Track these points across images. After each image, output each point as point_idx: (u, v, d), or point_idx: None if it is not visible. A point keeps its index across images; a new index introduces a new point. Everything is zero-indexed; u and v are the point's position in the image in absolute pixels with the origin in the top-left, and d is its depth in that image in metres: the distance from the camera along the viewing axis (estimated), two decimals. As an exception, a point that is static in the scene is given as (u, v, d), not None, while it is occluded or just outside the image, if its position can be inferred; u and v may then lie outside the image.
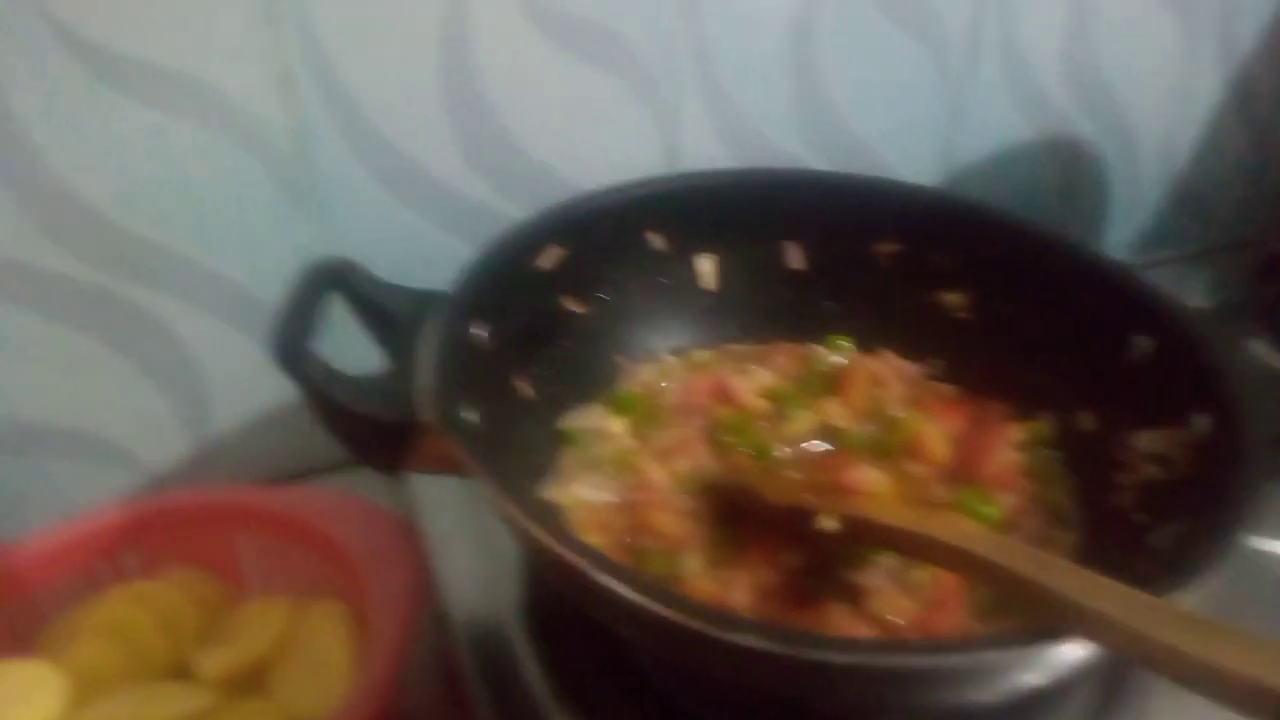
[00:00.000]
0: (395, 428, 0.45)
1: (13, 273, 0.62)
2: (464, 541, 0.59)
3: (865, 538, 0.48)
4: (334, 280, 0.49)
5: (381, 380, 0.47)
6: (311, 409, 0.45)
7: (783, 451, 0.58)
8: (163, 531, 0.62)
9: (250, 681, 0.58)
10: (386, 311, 0.50)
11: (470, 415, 0.48)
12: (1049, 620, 0.37)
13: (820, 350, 0.66)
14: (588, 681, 0.50)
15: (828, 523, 0.48)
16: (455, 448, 0.43)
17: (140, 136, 0.62)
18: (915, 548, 0.45)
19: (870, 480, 0.51)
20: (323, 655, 0.58)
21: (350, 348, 0.53)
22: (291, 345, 0.44)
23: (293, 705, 0.56)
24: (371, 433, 0.45)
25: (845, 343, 0.66)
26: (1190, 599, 0.39)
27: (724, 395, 0.60)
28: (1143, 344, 0.55)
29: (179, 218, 0.65)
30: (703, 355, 0.66)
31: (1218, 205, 1.04)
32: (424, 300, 0.52)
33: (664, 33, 0.72)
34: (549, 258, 0.59)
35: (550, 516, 0.52)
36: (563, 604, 0.53)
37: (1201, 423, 0.50)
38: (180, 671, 0.58)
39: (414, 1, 0.65)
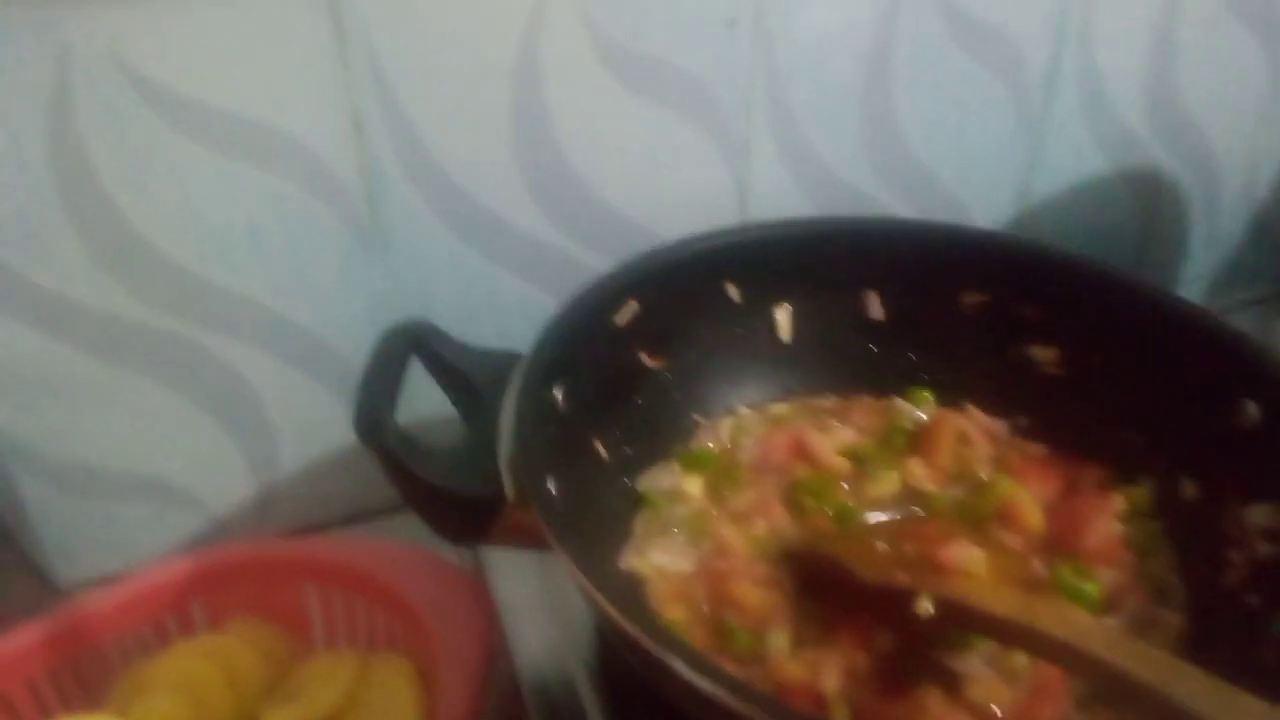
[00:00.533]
0: (477, 502, 0.44)
1: (84, 317, 0.62)
2: (536, 603, 0.57)
3: (964, 623, 0.45)
4: (413, 344, 0.47)
5: (462, 452, 0.45)
6: (391, 481, 0.44)
7: (865, 516, 0.56)
8: (230, 583, 0.62)
9: (318, 739, 0.57)
10: (465, 375, 0.49)
11: (551, 485, 0.47)
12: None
13: (902, 404, 0.64)
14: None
15: (924, 606, 0.46)
16: (540, 522, 0.42)
17: (211, 182, 0.61)
18: (1018, 638, 0.43)
19: (968, 558, 0.49)
20: (390, 711, 0.57)
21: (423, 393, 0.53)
22: (372, 416, 0.43)
23: (361, 762, 0.55)
24: (452, 507, 0.44)
25: (928, 395, 0.64)
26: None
27: (803, 453, 0.58)
28: (1251, 410, 0.52)
29: (249, 264, 0.65)
30: (781, 409, 0.64)
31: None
32: (502, 362, 0.50)
33: (735, 70, 0.70)
34: (626, 313, 0.58)
35: (629, 595, 0.50)
36: (634, 675, 0.51)
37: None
38: (249, 726, 0.57)
39: (485, 45, 0.64)
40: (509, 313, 0.71)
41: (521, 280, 0.72)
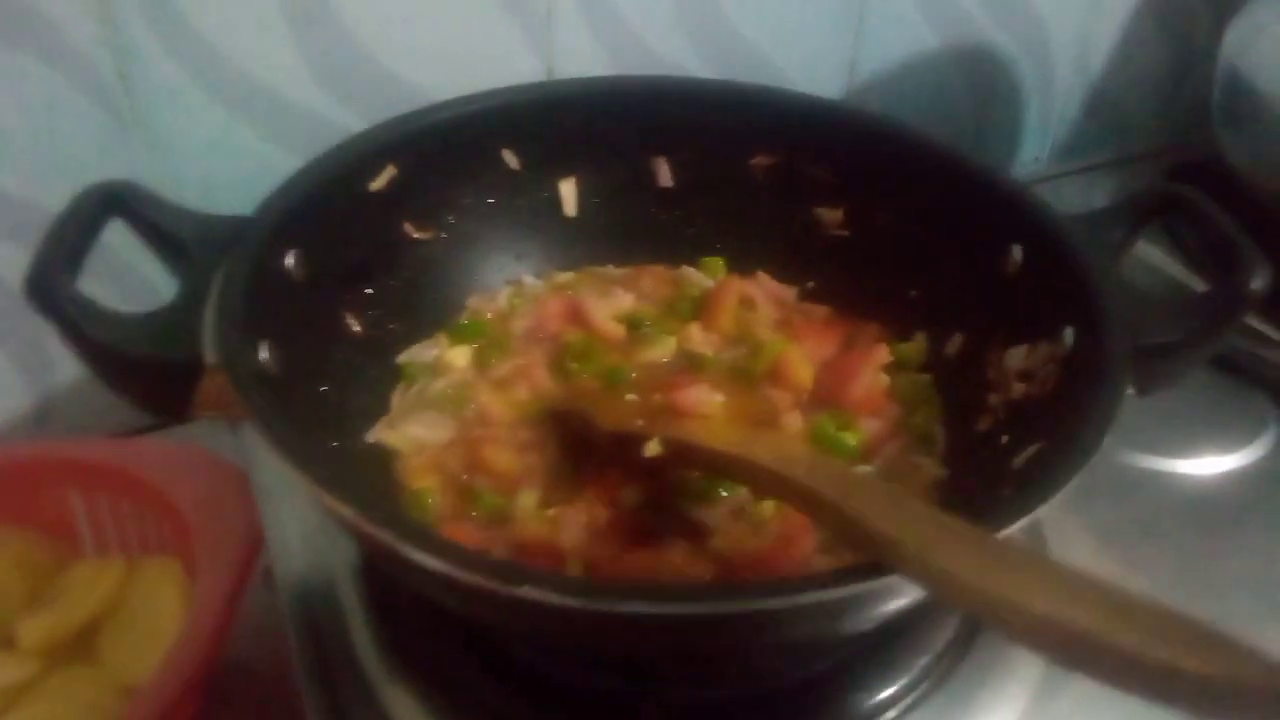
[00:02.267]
0: (173, 369, 0.40)
1: None
2: (297, 492, 0.54)
3: (690, 462, 0.45)
4: (113, 204, 0.43)
5: (160, 316, 0.42)
6: (73, 350, 0.40)
7: (632, 377, 0.54)
8: (-15, 488, 0.57)
9: (78, 648, 0.54)
10: (178, 239, 0.45)
11: (270, 355, 0.43)
12: (868, 551, 0.33)
13: (692, 272, 0.62)
14: (417, 640, 0.47)
15: (651, 447, 0.44)
16: (234, 389, 0.38)
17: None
18: (735, 470, 0.42)
19: (703, 402, 0.48)
20: (155, 617, 0.54)
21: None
22: (45, 275, 0.39)
23: (123, 671, 0.53)
24: (143, 374, 0.40)
25: (720, 264, 0.61)
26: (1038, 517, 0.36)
27: (577, 318, 0.56)
28: (1015, 254, 0.51)
29: (-2, 155, 0.59)
30: (566, 277, 0.61)
31: (1133, 114, 1.00)
32: (226, 227, 0.46)
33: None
34: (382, 178, 0.54)
35: (358, 468, 0.48)
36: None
37: (1069, 336, 0.46)
38: (5, 641, 0.53)
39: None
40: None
41: (302, 157, 0.67)
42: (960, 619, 0.48)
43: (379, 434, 0.51)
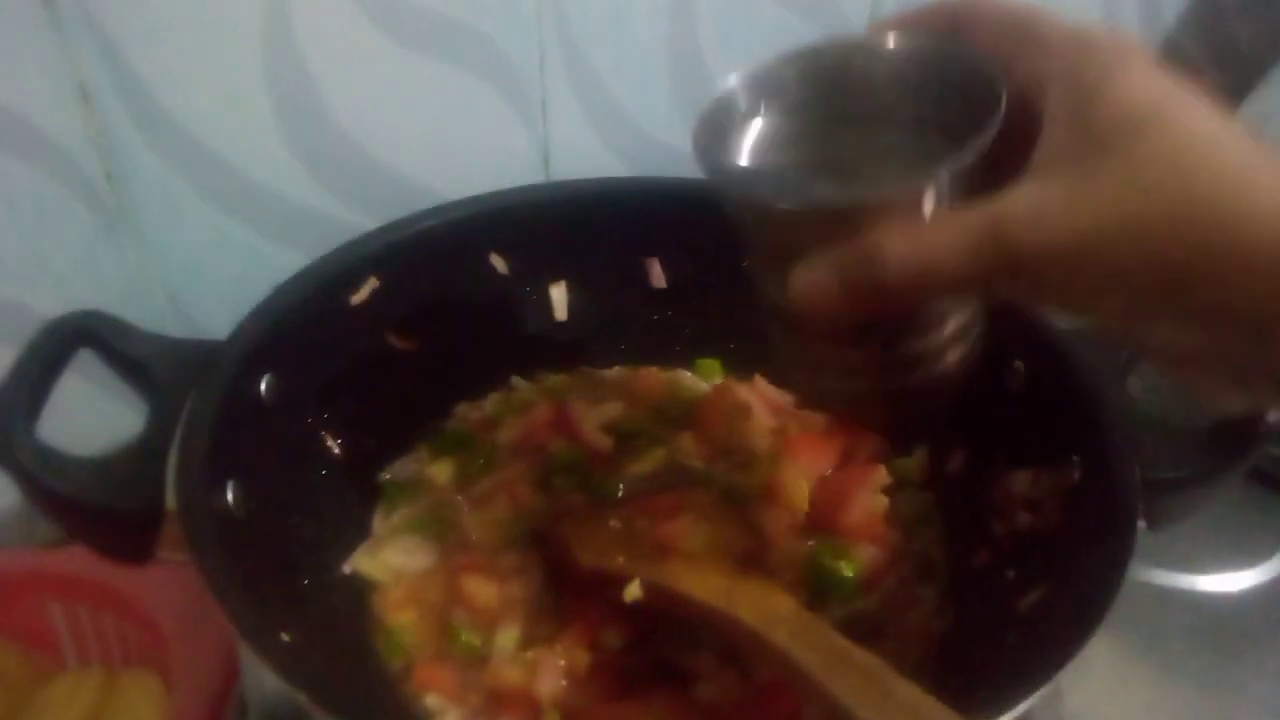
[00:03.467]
0: (135, 517, 0.39)
1: None
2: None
3: (668, 607, 0.42)
4: (79, 337, 0.42)
5: (124, 459, 0.40)
6: (30, 500, 0.39)
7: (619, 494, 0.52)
8: (-35, 600, 0.56)
9: (59, 767, 0.52)
10: (148, 369, 0.43)
11: (236, 495, 0.42)
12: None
13: (688, 376, 0.60)
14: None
15: (632, 590, 0.42)
16: (190, 549, 0.37)
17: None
18: (716, 624, 0.39)
19: (688, 535, 0.45)
20: (133, 732, 0.53)
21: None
22: (3, 426, 0.38)
23: (96, 792, 0.51)
24: (102, 522, 0.39)
25: (715, 366, 0.60)
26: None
27: (564, 428, 0.54)
28: (1019, 368, 0.49)
29: (-21, 252, 0.59)
30: (555, 380, 0.59)
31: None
32: (199, 353, 0.45)
33: (522, 25, 0.65)
34: (364, 291, 0.53)
35: (340, 607, 0.46)
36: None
37: (1076, 465, 0.44)
38: (-18, 760, 0.52)
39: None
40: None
41: (304, 257, 0.66)
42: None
43: (356, 563, 0.50)
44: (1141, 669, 0.53)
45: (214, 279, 0.65)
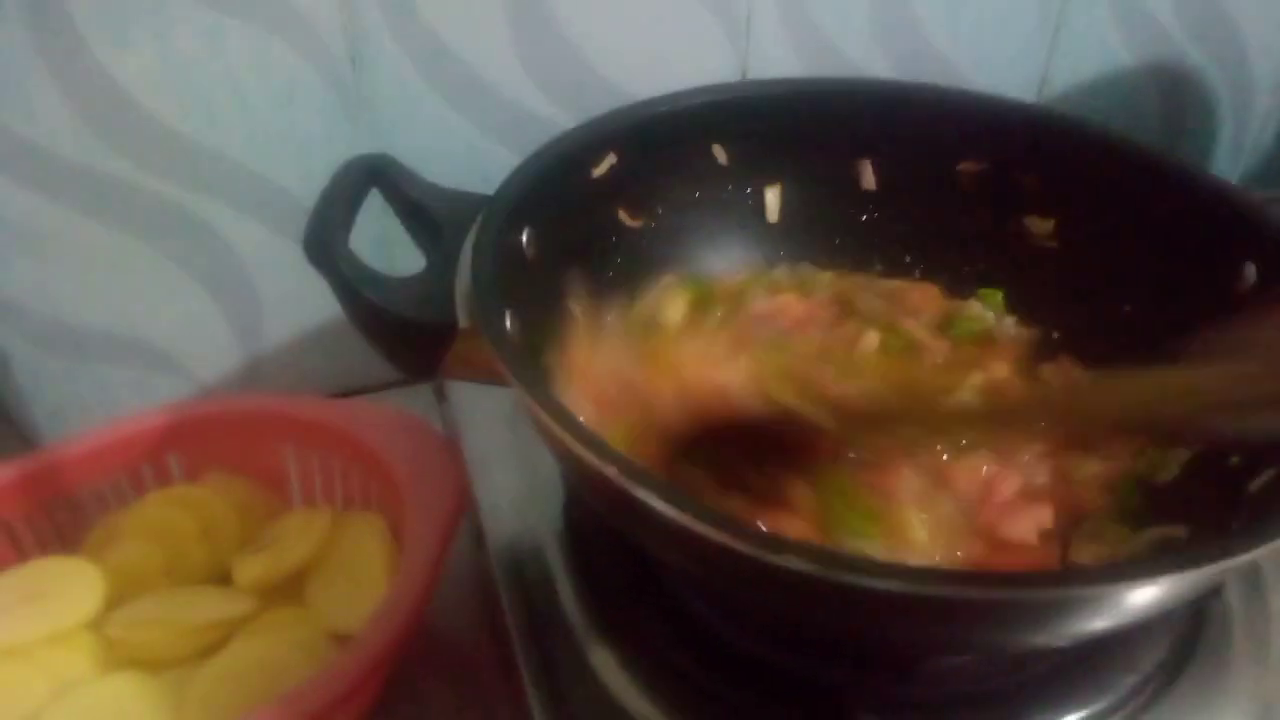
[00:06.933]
0: (429, 330, 0.43)
1: (70, 177, 0.61)
2: (505, 460, 0.57)
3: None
4: (374, 176, 0.46)
5: (418, 281, 0.44)
6: (343, 306, 0.43)
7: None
8: (208, 437, 0.61)
9: (288, 590, 0.57)
10: (429, 212, 0.47)
11: (510, 322, 0.46)
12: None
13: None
14: (623, 605, 0.48)
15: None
16: (494, 354, 0.40)
17: (195, 39, 0.60)
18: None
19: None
20: (361, 568, 0.57)
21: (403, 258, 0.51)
22: (324, 239, 0.42)
23: (328, 615, 0.55)
24: (404, 335, 0.43)
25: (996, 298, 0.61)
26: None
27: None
28: (1249, 273, 0.50)
29: (233, 124, 0.64)
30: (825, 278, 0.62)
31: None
32: (469, 203, 0.49)
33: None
34: (603, 165, 0.56)
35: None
36: (601, 526, 0.51)
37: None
38: (220, 577, 0.57)
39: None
40: (496, 180, 0.69)
41: (510, 149, 0.70)
42: (1175, 638, 0.47)
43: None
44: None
45: (435, 170, 0.69)
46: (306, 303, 0.72)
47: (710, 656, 0.47)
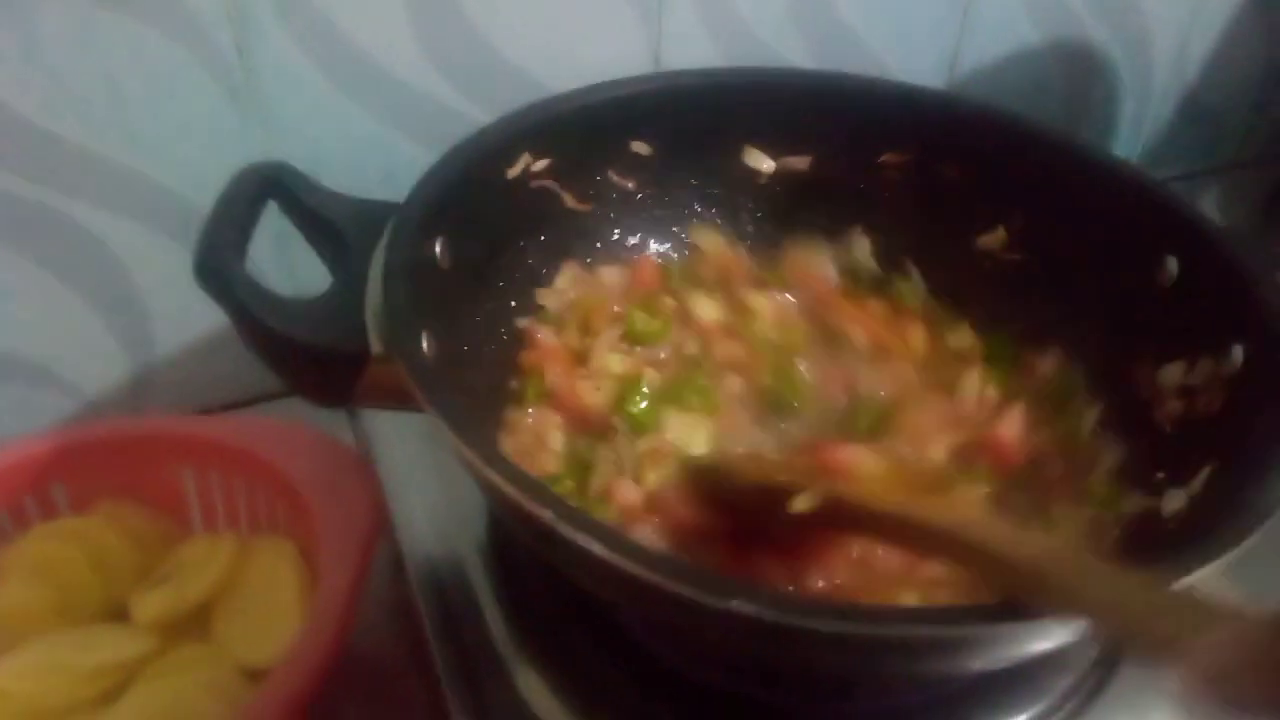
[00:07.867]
0: (339, 358, 0.40)
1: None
2: (424, 476, 0.54)
3: (842, 523, 0.42)
4: (269, 187, 0.43)
5: (324, 302, 0.41)
6: (241, 335, 0.39)
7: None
8: (96, 463, 0.57)
9: (193, 625, 0.54)
10: (333, 225, 0.44)
11: (427, 343, 0.43)
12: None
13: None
14: (552, 627, 0.47)
15: (802, 503, 0.41)
16: (411, 383, 0.38)
17: (66, 31, 0.55)
18: (900, 534, 0.40)
19: (860, 461, 0.46)
20: (271, 597, 0.54)
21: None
22: (216, 264, 0.38)
23: (237, 650, 0.52)
24: (310, 362, 0.40)
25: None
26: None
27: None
28: (1171, 267, 0.50)
29: (110, 122, 0.59)
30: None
31: (1228, 122, 0.99)
32: (376, 212, 0.46)
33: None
34: (518, 166, 0.53)
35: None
36: (528, 552, 0.49)
37: (1237, 354, 0.45)
38: (116, 615, 0.54)
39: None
40: (399, 177, 0.66)
41: (414, 142, 0.67)
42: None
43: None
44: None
45: (332, 164, 0.65)
46: (199, 311, 0.66)
47: (644, 680, 0.46)
